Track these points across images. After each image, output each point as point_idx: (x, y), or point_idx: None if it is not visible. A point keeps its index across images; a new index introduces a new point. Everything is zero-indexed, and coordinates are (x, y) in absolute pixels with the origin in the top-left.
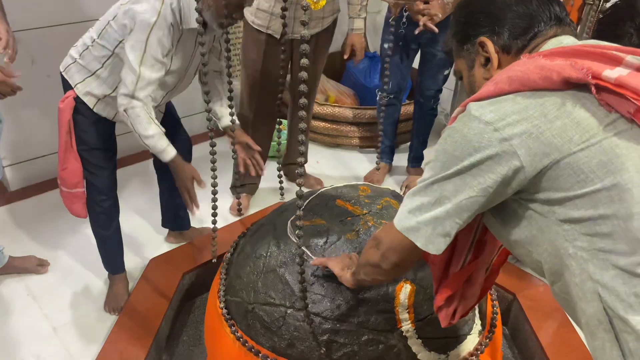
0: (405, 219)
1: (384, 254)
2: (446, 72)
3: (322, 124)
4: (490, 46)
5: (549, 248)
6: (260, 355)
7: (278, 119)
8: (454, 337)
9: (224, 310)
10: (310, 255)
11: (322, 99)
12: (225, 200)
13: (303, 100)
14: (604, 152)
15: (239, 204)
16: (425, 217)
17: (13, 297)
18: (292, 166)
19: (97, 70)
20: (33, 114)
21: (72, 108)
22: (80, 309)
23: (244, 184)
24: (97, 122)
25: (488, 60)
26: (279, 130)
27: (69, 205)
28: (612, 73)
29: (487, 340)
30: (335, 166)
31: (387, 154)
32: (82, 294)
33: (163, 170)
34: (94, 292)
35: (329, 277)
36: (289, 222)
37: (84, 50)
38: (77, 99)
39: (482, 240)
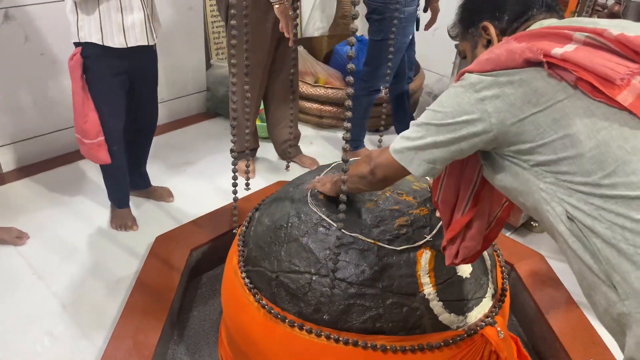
0: (397, 143)
1: (372, 168)
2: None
3: (314, 105)
4: (492, 30)
5: (525, 189)
6: (286, 321)
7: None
8: (472, 299)
9: (247, 280)
10: (333, 223)
11: (312, 81)
12: (223, 179)
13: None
14: (557, 111)
15: (247, 166)
16: (413, 144)
17: (18, 277)
18: (284, 144)
19: (75, 7)
20: (26, 93)
21: (81, 63)
22: (87, 286)
23: (240, 151)
24: (109, 64)
25: (489, 41)
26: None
27: (94, 154)
28: (559, 50)
29: (500, 303)
30: (327, 147)
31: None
32: (88, 272)
33: (128, 132)
34: (99, 269)
35: (353, 243)
36: (308, 193)
37: (70, 7)
38: (84, 51)
39: (478, 193)
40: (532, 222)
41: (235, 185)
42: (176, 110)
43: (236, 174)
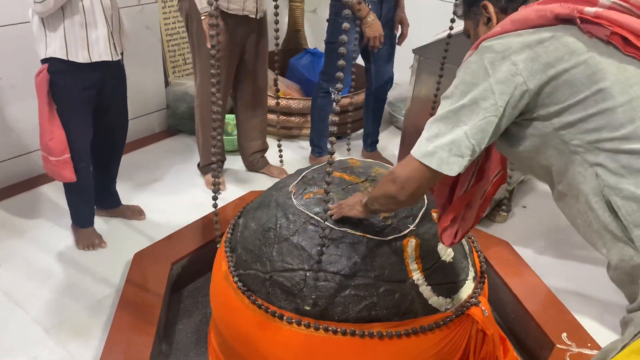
0: (423, 146)
1: (401, 185)
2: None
3: (277, 117)
4: (491, 8)
5: (554, 153)
6: (284, 318)
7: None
8: (456, 282)
9: (239, 284)
10: (320, 220)
11: (271, 93)
12: (191, 194)
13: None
14: (589, 67)
15: (216, 176)
16: (442, 141)
17: None
18: (253, 156)
19: (42, 24)
20: None
21: (48, 80)
22: (68, 308)
23: (210, 163)
24: (75, 80)
25: (489, 20)
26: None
27: (59, 172)
28: (591, 9)
29: (481, 284)
30: (291, 156)
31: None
32: (66, 294)
33: (97, 150)
34: (78, 291)
35: (343, 238)
36: (292, 195)
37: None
38: (51, 67)
39: (482, 168)
40: (495, 213)
41: (215, 191)
42: (138, 129)
43: (216, 183)
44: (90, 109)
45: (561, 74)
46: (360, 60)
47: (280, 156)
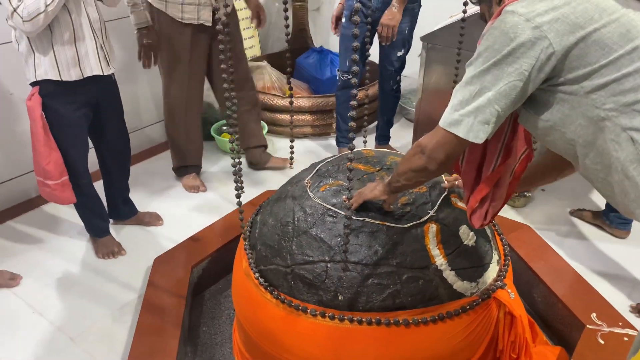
0: (449, 115)
1: (429, 155)
2: (399, 53)
3: (287, 116)
4: None
5: (582, 122)
6: (308, 311)
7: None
8: (481, 265)
9: (261, 280)
10: (339, 211)
11: (280, 94)
12: (206, 198)
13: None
14: (623, 25)
15: (194, 185)
16: (467, 109)
17: (18, 318)
18: (254, 150)
19: (30, 45)
20: None
21: (40, 102)
22: (91, 315)
23: (187, 165)
24: (69, 100)
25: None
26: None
27: (58, 195)
28: None
29: (506, 267)
30: (304, 155)
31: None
32: (89, 302)
33: (104, 164)
34: (100, 298)
35: (362, 227)
36: (307, 189)
37: (19, 47)
38: (42, 89)
39: (509, 145)
40: (515, 197)
41: (238, 189)
42: (151, 137)
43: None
44: (86, 126)
45: (591, 34)
46: (374, 58)
47: (292, 158)
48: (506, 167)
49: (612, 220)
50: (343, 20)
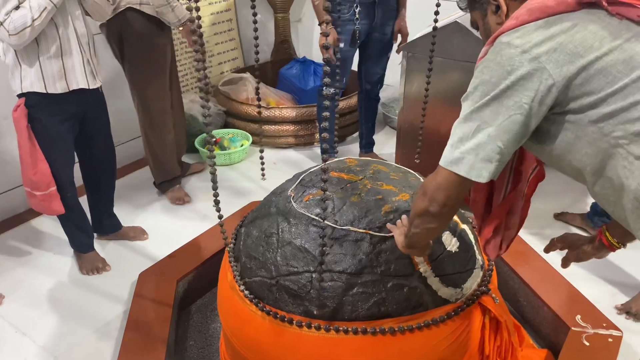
0: (448, 154)
1: (431, 197)
2: (388, 54)
3: (272, 127)
4: None
5: (589, 150)
6: (294, 322)
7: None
8: (464, 271)
9: (246, 292)
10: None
11: (264, 104)
12: (190, 211)
13: None
14: (625, 52)
15: (179, 196)
16: (467, 146)
17: (2, 338)
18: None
19: (16, 57)
20: None
21: (26, 114)
22: (76, 334)
23: (171, 179)
24: (54, 112)
25: (498, 7)
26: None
27: (46, 206)
28: None
29: (490, 272)
30: (289, 165)
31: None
32: (74, 320)
33: (89, 179)
34: (85, 316)
35: (346, 236)
36: (291, 199)
37: (5, 59)
38: (28, 101)
39: (518, 170)
40: None
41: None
42: (134, 151)
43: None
44: (72, 138)
45: (593, 63)
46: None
47: (262, 169)
48: (517, 193)
49: (596, 223)
50: (342, 45)
